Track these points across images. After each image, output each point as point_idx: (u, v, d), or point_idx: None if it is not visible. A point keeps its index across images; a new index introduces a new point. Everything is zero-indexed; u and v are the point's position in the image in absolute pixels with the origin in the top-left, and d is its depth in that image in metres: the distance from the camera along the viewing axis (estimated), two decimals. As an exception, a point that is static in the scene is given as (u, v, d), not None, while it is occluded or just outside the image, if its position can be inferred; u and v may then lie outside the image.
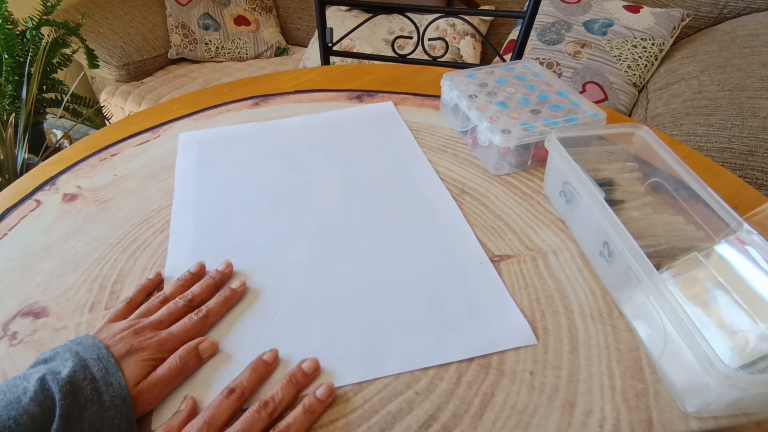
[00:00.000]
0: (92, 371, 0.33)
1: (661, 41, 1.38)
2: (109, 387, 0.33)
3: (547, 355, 0.38)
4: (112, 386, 0.33)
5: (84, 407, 0.31)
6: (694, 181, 0.44)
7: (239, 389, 0.35)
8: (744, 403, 0.33)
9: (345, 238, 0.49)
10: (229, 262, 0.46)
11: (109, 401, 0.32)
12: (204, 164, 0.60)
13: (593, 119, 0.55)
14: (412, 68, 0.79)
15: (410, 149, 0.61)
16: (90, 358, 0.34)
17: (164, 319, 0.39)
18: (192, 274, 0.44)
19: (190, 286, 0.43)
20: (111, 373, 0.33)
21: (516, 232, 0.49)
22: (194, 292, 0.42)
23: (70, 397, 0.31)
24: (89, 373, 0.33)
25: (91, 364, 0.33)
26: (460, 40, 1.64)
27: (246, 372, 0.36)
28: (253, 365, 0.37)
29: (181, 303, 0.41)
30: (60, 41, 1.54)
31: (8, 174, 1.34)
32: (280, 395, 0.35)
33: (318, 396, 0.35)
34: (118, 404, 0.32)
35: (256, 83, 0.76)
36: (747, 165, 0.96)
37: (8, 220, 0.53)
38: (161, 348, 0.37)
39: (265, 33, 2.00)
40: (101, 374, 0.33)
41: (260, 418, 0.33)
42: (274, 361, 0.38)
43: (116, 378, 0.33)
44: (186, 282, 0.44)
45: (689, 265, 0.40)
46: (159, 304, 0.41)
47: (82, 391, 0.32)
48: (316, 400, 0.35)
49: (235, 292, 0.43)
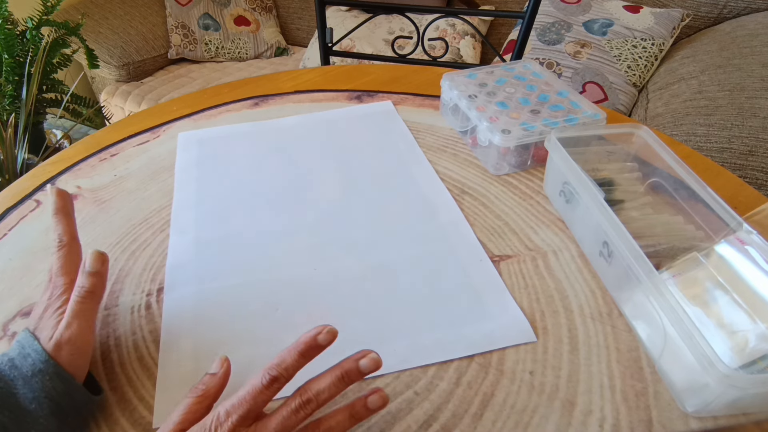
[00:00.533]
0: (9, 354, 0.33)
1: (661, 41, 1.38)
2: (27, 358, 0.33)
3: (546, 354, 0.38)
4: (29, 356, 0.33)
5: (11, 386, 0.31)
6: (694, 181, 0.44)
7: (283, 378, 0.30)
8: (743, 403, 0.33)
9: (344, 236, 0.49)
10: None
11: (30, 370, 0.32)
12: (203, 161, 0.60)
13: (593, 119, 0.55)
14: (412, 68, 0.79)
15: (409, 148, 0.61)
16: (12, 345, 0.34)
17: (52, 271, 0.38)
18: None
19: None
20: (26, 345, 0.33)
21: (516, 232, 0.49)
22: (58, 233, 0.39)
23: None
24: (6, 356, 0.33)
25: (11, 349, 0.34)
26: (460, 40, 1.64)
27: (293, 355, 0.31)
28: (304, 348, 0.31)
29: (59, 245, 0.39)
30: (60, 41, 1.54)
31: (8, 174, 1.34)
32: (325, 393, 0.30)
33: (369, 405, 0.31)
34: (41, 369, 0.32)
35: (255, 83, 0.76)
36: (747, 165, 0.96)
37: (8, 220, 0.53)
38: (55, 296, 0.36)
39: (265, 33, 2.00)
40: (18, 351, 0.33)
41: (298, 418, 0.30)
42: (328, 344, 0.31)
43: (32, 347, 0.33)
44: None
45: (689, 265, 0.40)
46: None
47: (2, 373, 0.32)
48: (366, 410, 0.31)
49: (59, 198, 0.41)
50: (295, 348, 0.31)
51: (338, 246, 0.48)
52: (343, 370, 0.31)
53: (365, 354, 0.31)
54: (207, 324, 0.42)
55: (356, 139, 0.63)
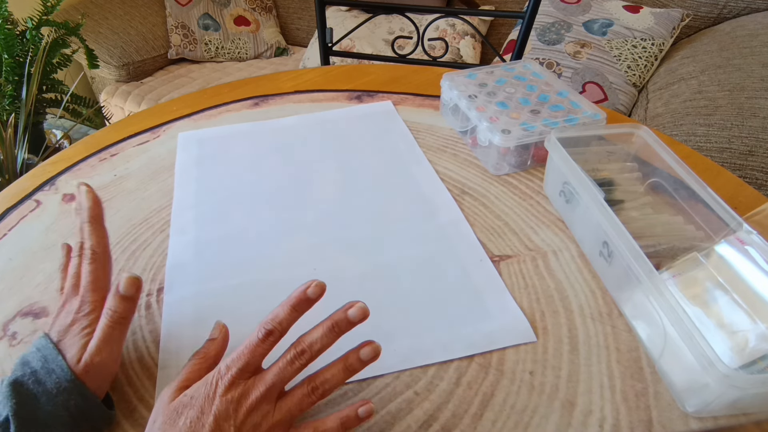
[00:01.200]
0: (32, 365, 0.33)
1: (661, 41, 1.38)
2: (51, 374, 0.32)
3: (546, 355, 0.38)
4: (54, 372, 0.32)
5: (33, 400, 0.31)
6: (694, 181, 0.44)
7: (277, 332, 0.32)
8: (743, 403, 0.33)
9: (344, 236, 0.49)
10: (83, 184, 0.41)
11: (54, 387, 0.32)
12: (203, 161, 0.60)
13: (593, 119, 0.55)
14: (411, 68, 0.79)
15: (409, 148, 0.61)
16: (30, 353, 0.34)
17: (74, 281, 0.37)
18: None
19: None
20: (50, 360, 0.33)
21: (516, 232, 0.49)
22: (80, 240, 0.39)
23: (14, 396, 0.31)
24: (29, 368, 0.33)
25: (31, 358, 0.33)
26: (460, 40, 1.64)
27: (286, 309, 0.32)
28: (295, 302, 0.32)
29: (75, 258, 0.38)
30: (60, 41, 1.54)
31: (8, 174, 1.34)
32: (318, 344, 0.32)
33: (362, 357, 0.32)
34: (66, 387, 0.32)
35: (255, 83, 0.76)
36: (747, 165, 0.96)
37: (8, 220, 0.53)
38: (85, 313, 0.35)
39: (265, 33, 2.00)
40: (41, 364, 0.33)
41: (294, 369, 0.31)
42: (318, 297, 0.32)
43: (57, 363, 0.33)
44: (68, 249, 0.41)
45: (689, 265, 0.40)
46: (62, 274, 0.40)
47: (24, 386, 0.32)
48: (359, 360, 0.32)
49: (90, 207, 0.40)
50: (287, 302, 0.32)
51: (338, 246, 0.48)
52: (333, 320, 0.32)
53: (353, 304, 0.32)
54: (207, 324, 0.41)
55: (356, 139, 0.63)
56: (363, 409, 0.32)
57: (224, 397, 0.30)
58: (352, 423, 0.32)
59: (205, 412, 0.30)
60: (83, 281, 0.37)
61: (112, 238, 0.50)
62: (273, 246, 0.49)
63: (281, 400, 0.32)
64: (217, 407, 0.30)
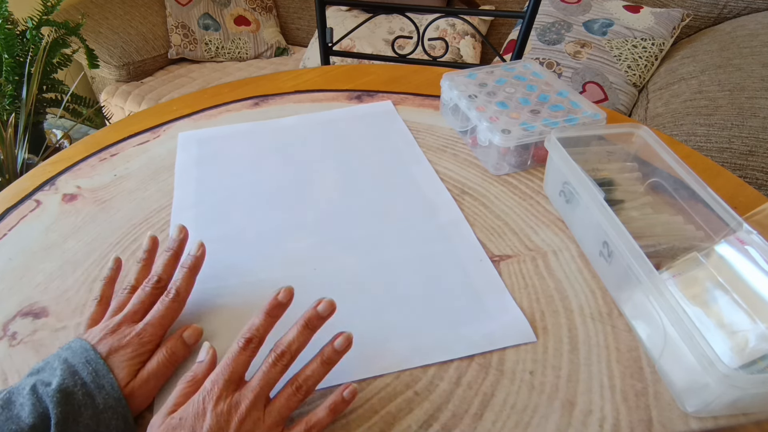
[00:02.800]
0: (82, 376, 0.33)
1: (661, 41, 1.38)
2: (101, 389, 0.33)
3: (546, 354, 0.38)
4: (104, 388, 0.33)
5: (78, 412, 0.31)
6: (694, 181, 0.44)
7: (256, 339, 0.34)
8: (744, 403, 0.33)
9: (344, 236, 0.49)
10: (182, 227, 0.43)
11: (103, 403, 0.32)
12: (203, 160, 0.60)
13: (593, 119, 0.55)
14: (412, 68, 0.79)
15: (409, 148, 0.61)
16: (78, 363, 0.33)
17: (137, 309, 0.38)
18: (148, 252, 0.43)
19: (151, 264, 0.42)
20: (101, 375, 0.33)
21: (516, 232, 0.49)
22: (157, 272, 0.40)
23: (62, 404, 0.31)
24: (79, 378, 0.33)
25: (80, 368, 0.33)
26: (460, 40, 1.64)
27: (261, 316, 0.35)
28: (269, 309, 0.35)
29: (149, 288, 0.39)
30: (60, 41, 1.54)
31: (8, 174, 1.34)
32: (295, 344, 0.34)
33: (336, 347, 0.35)
34: (112, 405, 0.32)
35: (256, 83, 0.76)
36: (747, 165, 0.96)
37: (8, 220, 0.53)
38: (142, 341, 0.36)
39: (265, 33, 2.00)
40: (91, 378, 0.33)
41: (276, 371, 0.33)
42: (289, 301, 0.36)
43: (107, 380, 0.33)
44: (146, 262, 0.42)
45: (689, 265, 0.40)
46: (128, 294, 0.40)
47: (74, 396, 0.32)
48: (334, 351, 0.35)
49: (196, 258, 0.41)
50: (261, 311, 0.35)
51: (338, 246, 0.48)
52: (305, 319, 0.35)
53: (321, 301, 0.35)
54: (207, 324, 0.42)
55: (356, 139, 0.63)
56: (347, 391, 0.34)
57: (214, 411, 0.31)
58: (340, 407, 0.34)
59: (197, 429, 0.30)
60: (153, 314, 0.38)
61: (113, 238, 0.50)
62: (273, 246, 0.49)
63: (269, 405, 0.33)
64: (209, 423, 0.30)
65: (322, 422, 0.33)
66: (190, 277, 0.41)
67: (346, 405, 0.34)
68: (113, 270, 0.43)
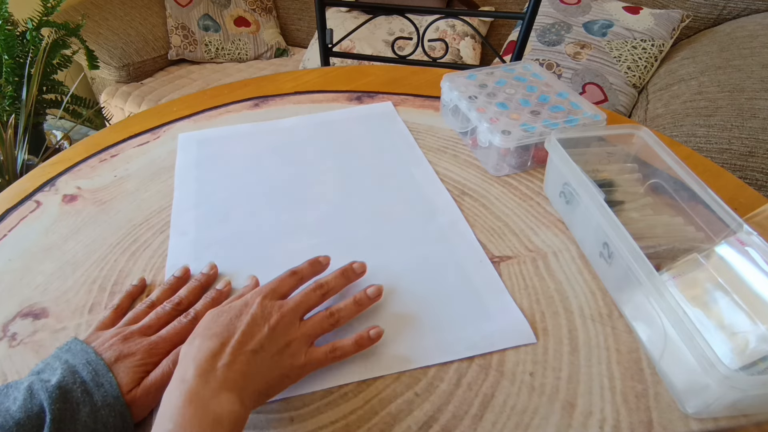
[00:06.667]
0: (81, 375, 0.33)
1: (661, 42, 1.38)
2: (100, 387, 0.33)
3: (546, 356, 0.38)
4: (102, 387, 0.33)
5: (76, 409, 0.32)
6: (694, 182, 0.44)
7: (302, 277, 0.40)
8: (744, 404, 0.33)
9: (344, 237, 0.49)
10: (214, 264, 0.46)
11: (101, 401, 0.32)
12: (203, 162, 0.60)
13: (593, 120, 0.55)
14: (411, 69, 0.79)
15: (409, 149, 0.61)
16: (79, 363, 0.34)
17: (152, 323, 0.39)
18: (177, 278, 0.44)
19: (176, 290, 0.43)
20: (101, 374, 0.34)
21: (516, 233, 0.49)
22: (181, 295, 0.42)
23: (60, 401, 0.31)
24: (78, 377, 0.33)
25: (80, 368, 0.34)
26: (460, 41, 1.64)
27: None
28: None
29: (169, 307, 0.40)
30: (60, 42, 1.54)
31: (8, 175, 1.34)
32: (332, 283, 0.40)
33: (368, 293, 0.41)
34: (110, 403, 0.33)
35: (255, 84, 0.76)
36: (747, 166, 0.96)
37: (8, 221, 0.53)
38: (151, 352, 0.37)
39: (265, 34, 2.00)
40: (91, 376, 0.33)
41: (315, 296, 0.39)
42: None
43: (107, 379, 0.33)
44: (172, 286, 0.44)
45: (689, 266, 0.40)
46: (146, 309, 0.41)
47: (72, 394, 0.32)
48: (366, 296, 0.41)
49: (221, 293, 0.43)
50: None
51: (338, 247, 0.48)
52: (342, 269, 0.42)
53: (355, 262, 0.43)
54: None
55: (356, 140, 0.63)
56: (374, 331, 0.39)
57: (261, 304, 0.36)
58: (365, 342, 0.38)
59: (243, 313, 0.35)
60: (169, 329, 0.38)
61: (113, 238, 0.50)
62: (273, 247, 0.49)
63: (304, 321, 0.37)
64: (254, 310, 0.35)
65: (345, 349, 0.37)
66: (211, 307, 0.41)
67: (371, 342, 0.38)
68: (136, 287, 0.44)
